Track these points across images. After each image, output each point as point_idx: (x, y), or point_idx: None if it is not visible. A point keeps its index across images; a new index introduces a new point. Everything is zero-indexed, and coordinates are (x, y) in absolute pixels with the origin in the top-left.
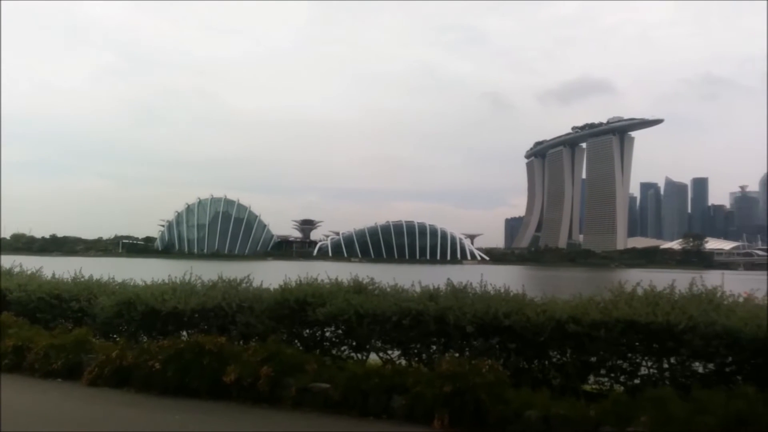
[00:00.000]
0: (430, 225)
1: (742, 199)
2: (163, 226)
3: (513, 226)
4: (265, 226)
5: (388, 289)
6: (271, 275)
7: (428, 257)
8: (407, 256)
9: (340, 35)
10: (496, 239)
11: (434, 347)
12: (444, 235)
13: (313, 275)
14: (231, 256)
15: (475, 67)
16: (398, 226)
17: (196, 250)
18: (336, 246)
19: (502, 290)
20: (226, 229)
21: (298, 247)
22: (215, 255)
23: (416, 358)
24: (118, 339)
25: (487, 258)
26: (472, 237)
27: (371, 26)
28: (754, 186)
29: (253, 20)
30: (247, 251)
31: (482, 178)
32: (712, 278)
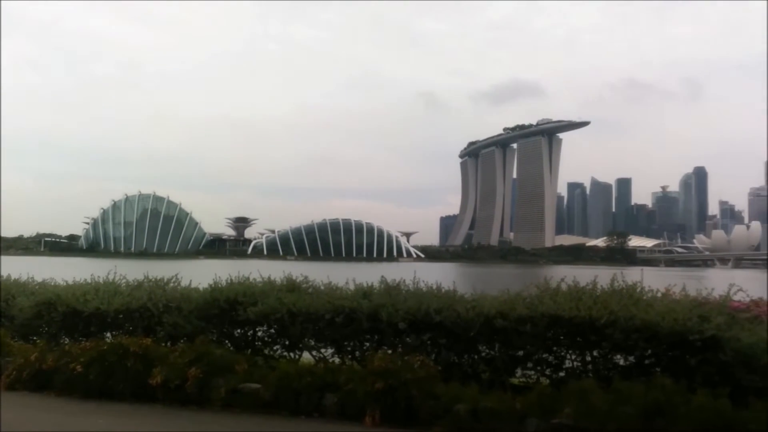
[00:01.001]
0: (367, 223)
1: (663, 198)
2: (88, 223)
3: (448, 223)
4: (196, 224)
5: (322, 288)
6: (202, 274)
7: (365, 255)
8: (344, 254)
9: (276, 33)
10: (432, 237)
11: (367, 344)
12: (381, 233)
13: (245, 274)
14: (160, 255)
15: (410, 67)
16: (335, 224)
17: (122, 249)
18: (271, 244)
19: (434, 287)
20: (154, 227)
21: (231, 245)
22: (143, 254)
23: (350, 356)
24: (37, 341)
25: (423, 255)
26: (408, 235)
27: (306, 24)
28: (674, 186)
29: (187, 16)
30: (177, 250)
31: (419, 177)
32: (633, 274)
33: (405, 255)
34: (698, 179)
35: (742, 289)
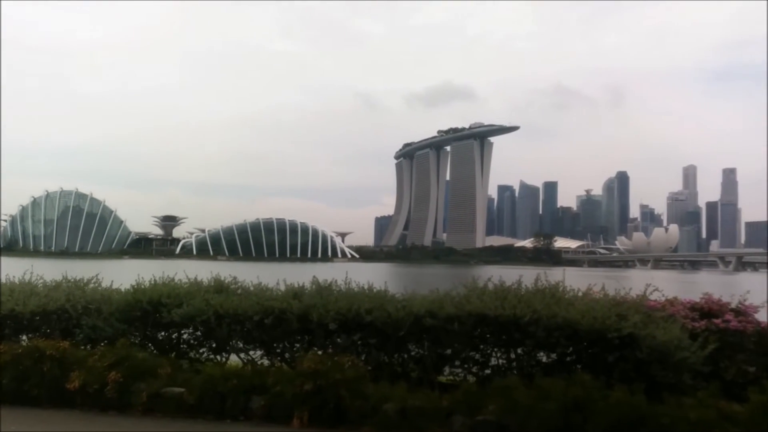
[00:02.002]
0: (301, 222)
1: (587, 201)
2: (5, 220)
3: (383, 224)
4: (121, 222)
5: (252, 288)
6: (125, 275)
7: (299, 255)
8: (278, 255)
9: (209, 27)
10: (367, 237)
11: (298, 346)
12: (315, 232)
13: (171, 274)
14: (82, 255)
15: (345, 67)
16: (269, 224)
17: (42, 248)
18: (201, 244)
19: (366, 287)
20: (77, 225)
21: (158, 244)
22: (64, 253)
23: (279, 358)
24: None
25: (357, 256)
26: (343, 235)
27: (243, 19)
28: (598, 190)
29: (117, 8)
30: (100, 249)
31: (354, 177)
32: (557, 275)
33: (340, 255)
34: (620, 183)
35: (658, 289)
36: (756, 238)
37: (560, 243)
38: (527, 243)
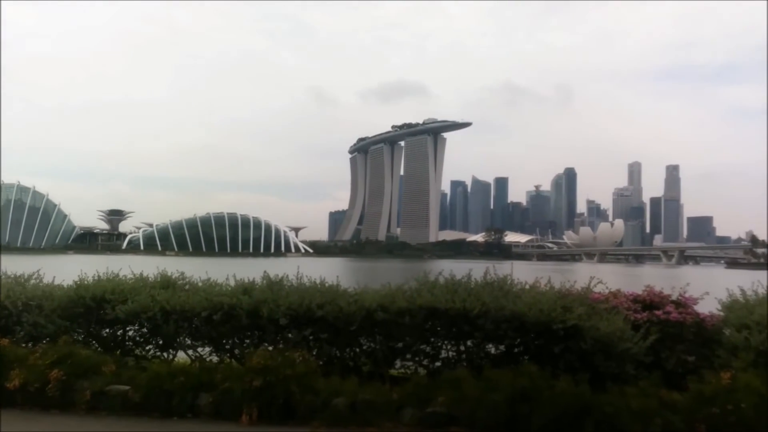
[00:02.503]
0: (253, 217)
1: (537, 197)
2: None
3: (337, 219)
4: (65, 216)
5: (200, 284)
6: (69, 270)
7: (251, 250)
8: (229, 250)
9: (159, 17)
10: (321, 232)
11: (248, 342)
12: (268, 227)
13: (116, 270)
14: (24, 250)
15: (299, 60)
16: (219, 218)
17: None
18: (149, 239)
19: (318, 282)
20: (18, 219)
21: (104, 239)
22: (5, 248)
23: (228, 354)
24: None
25: (311, 251)
26: (296, 230)
27: (193, 11)
28: (547, 186)
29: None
30: (43, 244)
31: (308, 171)
32: (507, 268)
33: (293, 250)
34: (568, 179)
35: (602, 281)
36: (697, 232)
37: (510, 237)
38: (479, 237)
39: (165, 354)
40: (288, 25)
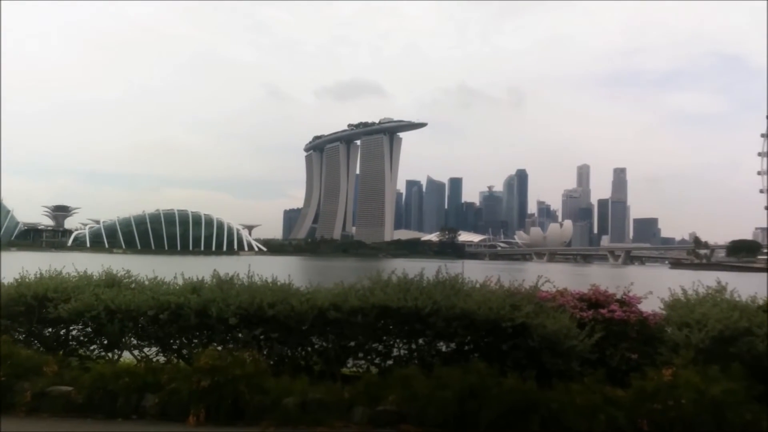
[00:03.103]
0: (205, 214)
1: (490, 197)
2: None
3: (291, 217)
4: (8, 212)
5: (147, 282)
6: (10, 268)
7: (203, 248)
8: (179, 248)
9: (112, 9)
10: (275, 230)
11: (196, 341)
12: (220, 225)
13: (59, 268)
14: None
15: (255, 57)
16: (170, 215)
17: None
18: (96, 236)
19: (270, 281)
20: None
21: (49, 236)
22: None
23: (176, 355)
24: None
25: (265, 249)
26: (250, 228)
27: (145, 6)
28: (499, 186)
29: None
30: None
31: (262, 169)
32: (460, 267)
33: (246, 248)
34: (520, 180)
35: (550, 280)
36: (643, 233)
37: (464, 237)
38: (433, 237)
39: (110, 354)
40: (244, 22)
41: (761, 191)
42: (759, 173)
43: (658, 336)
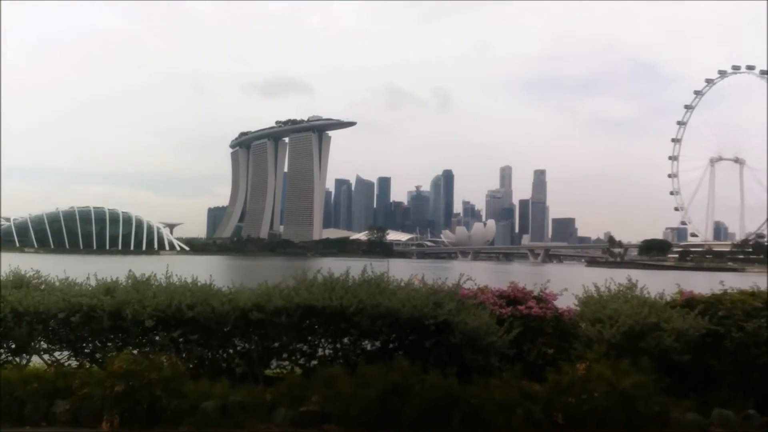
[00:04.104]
0: (123, 212)
1: (417, 197)
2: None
3: (216, 215)
4: None
5: (57, 283)
6: None
7: (121, 248)
8: (96, 247)
9: None
10: (199, 229)
11: (110, 345)
12: (140, 223)
13: None
14: None
15: (176, 47)
16: (85, 213)
17: None
18: (6, 234)
19: (190, 281)
20: None
21: None
22: None
23: (89, 359)
24: None
25: (187, 248)
26: (172, 226)
27: None
28: (426, 186)
29: None
30: None
31: (185, 165)
32: (389, 266)
33: (167, 248)
34: (446, 181)
35: (471, 278)
36: (561, 232)
37: (392, 236)
38: (362, 236)
39: (17, 359)
40: (167, 12)
41: (671, 193)
42: (669, 176)
43: (572, 331)
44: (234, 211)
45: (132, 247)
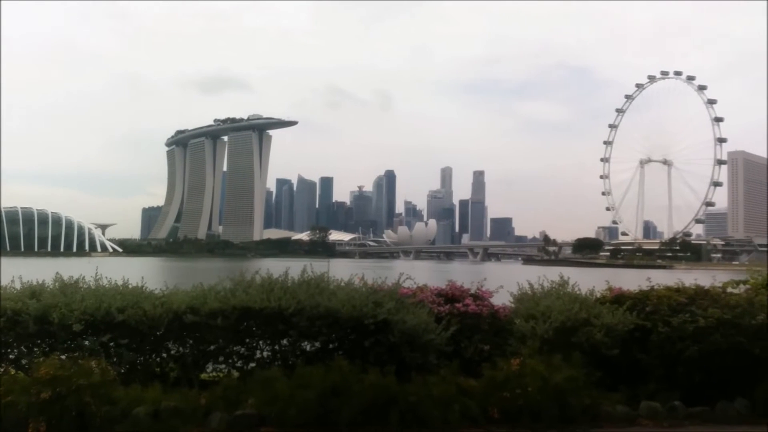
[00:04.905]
0: (53, 212)
1: (360, 197)
2: None
3: (151, 215)
4: None
5: None
6: None
7: (50, 249)
8: (23, 248)
9: None
10: (133, 229)
11: (37, 350)
12: (70, 224)
13: None
14: None
15: (113, 45)
16: (12, 213)
17: None
18: None
19: (121, 284)
20: None
21: None
22: None
23: (13, 365)
24: None
25: (120, 250)
26: (104, 227)
27: None
28: (369, 186)
29: None
30: None
31: (119, 164)
32: (332, 266)
33: (99, 249)
34: (388, 181)
35: (411, 277)
36: (499, 232)
37: (335, 236)
38: (304, 236)
39: None
40: (104, 11)
41: (603, 193)
42: (602, 177)
43: (508, 328)
44: (170, 211)
45: (62, 249)
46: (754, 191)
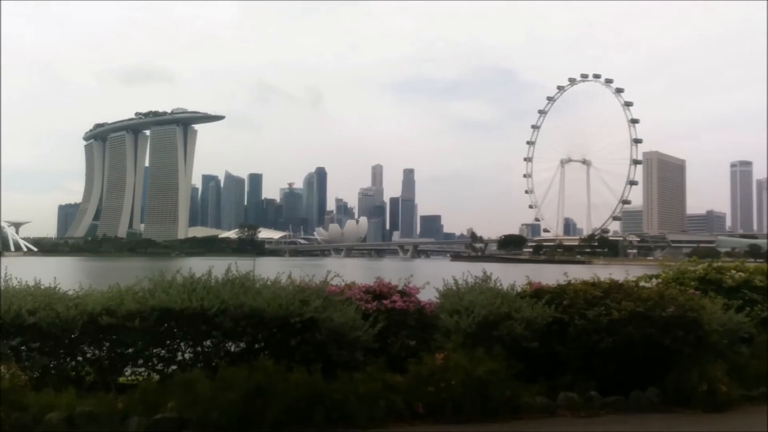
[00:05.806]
0: None
1: (290, 194)
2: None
3: (68, 213)
4: None
5: None
6: None
7: None
8: None
9: None
10: (48, 228)
11: None
12: None
13: None
14: None
15: (25, 31)
16: None
17: None
18: None
19: (32, 284)
20: None
21: None
22: None
23: None
24: None
25: (35, 249)
26: (17, 225)
27: None
28: (299, 183)
29: None
30: None
31: (33, 158)
32: (258, 265)
33: (12, 248)
34: (319, 178)
35: (339, 274)
36: (428, 229)
37: (264, 234)
38: (232, 234)
39: None
40: None
41: (526, 192)
42: (525, 176)
43: (433, 323)
44: (88, 208)
45: None
46: (667, 189)
